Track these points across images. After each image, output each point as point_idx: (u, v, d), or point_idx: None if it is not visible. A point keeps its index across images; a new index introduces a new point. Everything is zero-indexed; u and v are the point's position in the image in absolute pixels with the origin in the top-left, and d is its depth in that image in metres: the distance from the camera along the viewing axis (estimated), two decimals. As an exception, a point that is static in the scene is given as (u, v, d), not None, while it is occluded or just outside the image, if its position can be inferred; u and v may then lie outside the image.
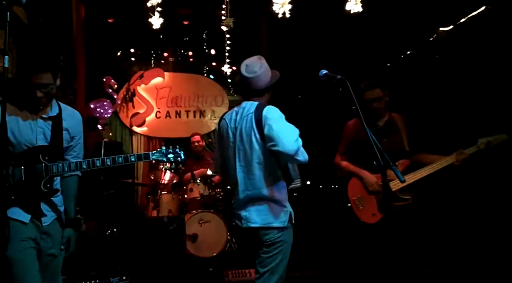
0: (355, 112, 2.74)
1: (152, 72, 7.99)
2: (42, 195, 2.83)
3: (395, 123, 3.96)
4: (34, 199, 2.81)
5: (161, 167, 6.38)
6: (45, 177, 2.81)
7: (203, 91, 8.19)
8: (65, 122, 2.95)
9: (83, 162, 2.89)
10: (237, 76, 3.24)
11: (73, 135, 3.00)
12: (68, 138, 2.98)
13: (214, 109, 8.19)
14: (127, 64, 8.16)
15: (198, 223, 5.82)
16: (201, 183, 6.26)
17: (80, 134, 3.07)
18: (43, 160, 2.81)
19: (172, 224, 5.36)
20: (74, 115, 3.06)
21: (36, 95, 2.76)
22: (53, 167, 2.82)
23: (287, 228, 3.07)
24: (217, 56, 8.11)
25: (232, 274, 5.14)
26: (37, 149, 2.82)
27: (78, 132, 3.05)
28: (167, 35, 7.87)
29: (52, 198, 2.93)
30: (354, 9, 4.79)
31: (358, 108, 2.73)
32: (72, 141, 3.01)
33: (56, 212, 2.93)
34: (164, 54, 8.33)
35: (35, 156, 2.81)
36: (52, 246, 2.89)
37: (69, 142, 2.99)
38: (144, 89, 7.94)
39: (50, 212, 2.90)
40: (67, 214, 3.01)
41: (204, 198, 6.14)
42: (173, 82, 8.12)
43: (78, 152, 3.07)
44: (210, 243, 5.78)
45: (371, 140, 2.64)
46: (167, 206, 6.05)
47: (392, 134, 3.90)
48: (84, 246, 5.23)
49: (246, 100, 3.20)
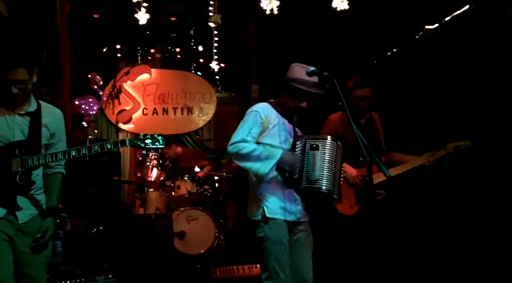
0: (342, 108, 2.81)
1: (138, 69, 7.91)
2: (18, 189, 2.78)
3: (375, 122, 4.16)
4: (9, 193, 2.76)
5: (148, 164, 6.34)
6: (21, 170, 2.75)
7: (191, 88, 8.13)
8: (44, 119, 2.89)
9: (59, 153, 2.82)
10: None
11: (53, 132, 2.93)
12: (48, 135, 2.91)
13: (202, 106, 8.14)
14: (113, 60, 8.08)
15: (186, 220, 5.80)
16: (188, 180, 6.23)
17: (61, 131, 3.01)
18: (19, 154, 2.76)
19: (160, 221, 5.32)
20: (54, 112, 3.00)
21: (12, 91, 2.72)
22: (28, 159, 2.77)
23: (263, 223, 3.06)
24: (205, 52, 8.06)
25: (220, 271, 5.13)
26: (13, 145, 2.77)
27: (59, 129, 2.99)
28: (154, 31, 7.80)
29: (35, 195, 2.87)
30: (340, 7, 4.79)
31: (345, 105, 2.79)
32: (52, 138, 2.94)
33: (35, 210, 2.87)
34: (151, 50, 8.26)
35: (11, 151, 2.76)
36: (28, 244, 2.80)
37: (49, 139, 2.93)
38: (131, 85, 7.87)
39: (30, 209, 2.84)
40: (48, 203, 2.94)
41: (192, 195, 6.12)
42: (160, 79, 8.05)
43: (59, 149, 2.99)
44: (198, 240, 5.77)
45: (357, 136, 2.72)
46: (155, 204, 6.00)
47: (372, 132, 4.05)
48: (69, 244, 5.17)
49: None
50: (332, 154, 3.05)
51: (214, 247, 5.84)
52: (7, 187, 2.75)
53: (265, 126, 3.11)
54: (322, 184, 3.00)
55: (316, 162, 3.02)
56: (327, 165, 3.01)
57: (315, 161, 3.02)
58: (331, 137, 3.12)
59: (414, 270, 4.57)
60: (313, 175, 3.01)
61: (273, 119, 3.14)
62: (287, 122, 3.21)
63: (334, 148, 3.07)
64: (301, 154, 3.09)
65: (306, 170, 3.04)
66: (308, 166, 3.03)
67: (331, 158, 3.04)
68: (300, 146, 3.12)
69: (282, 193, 3.10)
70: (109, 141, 2.89)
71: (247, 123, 3.11)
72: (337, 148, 3.10)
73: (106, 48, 8.04)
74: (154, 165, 6.38)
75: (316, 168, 3.01)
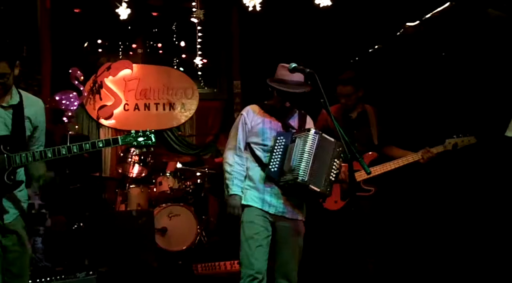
0: (324, 106, 2.81)
1: (120, 64, 7.83)
2: (6, 188, 2.72)
3: (368, 116, 4.06)
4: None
5: (129, 160, 6.30)
6: (8, 169, 2.69)
7: (173, 84, 8.08)
8: (26, 110, 2.83)
9: (47, 150, 2.76)
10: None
11: (36, 125, 2.88)
12: (31, 127, 2.86)
13: (184, 101, 8.09)
14: (94, 55, 7.99)
15: (168, 216, 5.79)
16: (170, 176, 6.21)
17: (43, 123, 2.95)
18: (4, 150, 2.70)
19: (141, 218, 5.31)
20: (36, 102, 2.94)
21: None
22: (16, 157, 2.71)
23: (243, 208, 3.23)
24: (187, 48, 8.02)
25: (201, 267, 5.13)
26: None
27: (41, 122, 2.94)
28: (136, 26, 7.74)
29: (16, 193, 2.82)
30: (323, 3, 4.80)
31: (326, 101, 2.81)
32: (35, 131, 2.89)
33: (19, 208, 2.83)
34: (133, 45, 8.18)
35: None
36: (15, 243, 2.78)
37: (32, 131, 2.87)
38: (112, 81, 7.79)
39: (13, 208, 2.80)
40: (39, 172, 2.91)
41: (173, 191, 6.10)
42: (142, 74, 7.99)
43: (42, 142, 2.96)
44: (180, 236, 5.77)
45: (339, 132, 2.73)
46: (136, 200, 5.98)
47: (363, 126, 4.01)
48: (50, 241, 5.13)
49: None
50: (312, 146, 3.06)
51: (196, 243, 5.84)
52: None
53: (249, 127, 3.29)
54: (297, 174, 3.02)
55: (292, 154, 3.09)
56: (306, 156, 3.04)
57: (292, 153, 3.10)
58: (315, 131, 3.13)
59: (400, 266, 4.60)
60: (287, 166, 3.09)
61: (256, 118, 3.30)
62: (275, 120, 3.31)
63: (314, 141, 3.08)
64: (282, 149, 3.15)
65: (283, 163, 3.12)
66: (286, 159, 3.12)
67: (310, 149, 3.05)
68: (281, 142, 3.18)
69: (263, 186, 3.20)
70: (101, 140, 2.86)
71: (235, 129, 3.34)
72: (323, 141, 3.11)
73: (87, 43, 7.95)
74: (136, 161, 6.35)
75: (292, 159, 3.08)
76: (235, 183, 3.24)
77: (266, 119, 3.30)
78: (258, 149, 3.26)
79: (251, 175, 3.26)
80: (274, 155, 3.16)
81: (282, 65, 3.24)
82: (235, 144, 3.30)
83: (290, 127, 3.31)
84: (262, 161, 3.23)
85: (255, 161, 3.26)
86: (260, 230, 3.16)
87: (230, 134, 3.39)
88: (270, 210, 3.19)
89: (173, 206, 5.87)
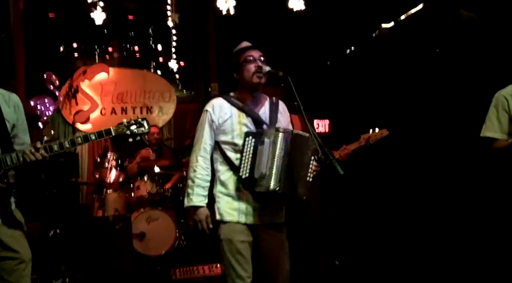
0: (297, 109, 2.74)
1: (95, 68, 7.77)
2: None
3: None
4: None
5: (107, 165, 6.24)
6: (1, 172, 2.59)
7: (150, 87, 8.04)
8: (3, 109, 2.71)
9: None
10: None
11: (13, 123, 2.76)
12: (9, 126, 2.75)
13: (161, 105, 8.06)
14: (70, 59, 7.92)
15: (146, 221, 5.73)
16: (148, 180, 6.16)
17: (22, 119, 2.83)
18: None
19: (118, 223, 5.25)
20: (12, 98, 2.80)
21: None
22: (6, 159, 2.60)
23: (218, 223, 2.88)
24: (164, 51, 7.99)
25: (179, 272, 5.09)
26: None
27: (20, 118, 2.81)
28: (112, 30, 7.69)
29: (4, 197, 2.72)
30: (296, 7, 4.83)
31: (300, 104, 2.72)
32: (14, 128, 2.77)
33: (4, 212, 2.71)
34: (109, 49, 8.13)
35: None
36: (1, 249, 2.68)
37: (12, 130, 2.76)
38: (88, 85, 7.72)
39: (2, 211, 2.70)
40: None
41: (151, 195, 6.05)
42: (119, 78, 7.93)
43: (24, 138, 2.84)
44: (158, 241, 5.71)
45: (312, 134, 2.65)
46: (113, 205, 5.91)
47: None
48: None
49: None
50: (283, 148, 2.74)
51: (175, 247, 5.79)
52: None
53: (216, 124, 2.89)
54: (269, 183, 2.70)
55: (262, 158, 2.73)
56: (276, 160, 2.72)
57: (262, 157, 2.73)
58: (284, 129, 2.82)
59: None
60: (257, 173, 2.71)
61: (223, 113, 2.90)
62: (244, 113, 2.90)
63: (286, 141, 2.76)
64: (252, 151, 2.78)
65: (254, 169, 2.74)
66: (256, 165, 2.73)
67: (281, 152, 2.73)
68: (251, 143, 2.79)
69: (237, 193, 2.84)
70: (93, 133, 2.76)
71: (201, 127, 2.94)
72: (296, 139, 2.79)
73: (63, 46, 7.87)
74: (113, 166, 6.28)
75: (262, 165, 2.72)
76: (196, 192, 2.85)
77: (235, 113, 2.90)
78: (229, 149, 2.87)
79: (223, 180, 2.87)
80: (244, 159, 2.77)
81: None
82: (201, 145, 2.89)
83: (261, 122, 2.89)
84: (234, 163, 2.83)
85: (227, 163, 2.87)
86: (242, 247, 2.81)
87: (195, 135, 2.97)
88: (248, 220, 2.83)
89: (152, 210, 5.81)
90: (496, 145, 3.14)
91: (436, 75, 5.15)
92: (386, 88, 5.82)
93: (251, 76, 2.89)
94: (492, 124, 3.16)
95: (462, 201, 4.70)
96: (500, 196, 3.15)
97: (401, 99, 5.50)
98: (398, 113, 5.39)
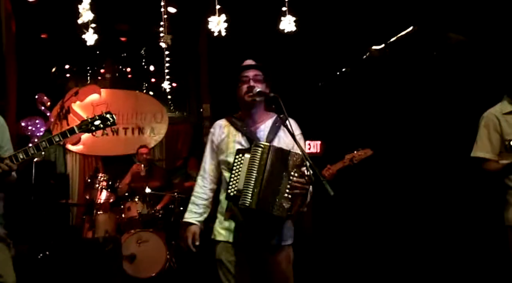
0: (287, 129, 2.76)
1: (87, 89, 7.78)
2: None
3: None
4: None
5: (97, 186, 6.20)
6: None
7: (142, 108, 8.05)
8: None
9: (18, 153, 2.68)
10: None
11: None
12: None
13: (153, 126, 8.06)
14: (62, 80, 7.93)
15: (136, 243, 5.67)
16: (139, 201, 6.12)
17: (6, 138, 2.84)
18: None
19: (108, 245, 5.21)
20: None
21: None
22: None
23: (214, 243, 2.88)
24: (156, 72, 8.02)
25: (170, 294, 5.05)
26: None
27: (4, 138, 2.82)
28: (104, 51, 7.72)
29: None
30: (287, 29, 4.88)
31: (291, 125, 2.74)
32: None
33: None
34: (101, 70, 8.16)
35: None
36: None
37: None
38: (80, 106, 7.72)
39: None
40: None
41: (142, 216, 6.00)
42: (111, 99, 7.94)
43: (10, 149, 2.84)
44: (149, 263, 5.65)
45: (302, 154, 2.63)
46: (104, 226, 5.85)
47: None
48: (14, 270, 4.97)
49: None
50: (260, 162, 2.63)
51: (166, 269, 5.74)
52: None
53: (215, 144, 2.94)
54: (244, 199, 2.60)
55: (241, 174, 2.66)
56: (253, 175, 2.62)
57: (242, 172, 2.67)
58: (263, 144, 2.69)
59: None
60: (238, 190, 2.65)
61: (221, 132, 2.93)
62: (240, 133, 2.88)
63: (263, 155, 2.64)
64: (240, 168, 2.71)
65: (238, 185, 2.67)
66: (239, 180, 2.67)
67: (259, 167, 2.63)
68: (240, 160, 2.72)
69: (229, 213, 2.80)
70: (56, 134, 2.79)
71: (206, 148, 3.03)
72: (275, 153, 2.67)
73: (55, 68, 7.88)
74: (104, 187, 6.24)
75: (240, 182, 2.65)
76: (189, 209, 2.93)
77: (232, 132, 2.90)
78: (224, 168, 2.87)
79: (221, 199, 2.88)
80: (233, 177, 2.69)
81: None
82: (202, 164, 2.98)
83: (255, 139, 2.81)
84: (227, 182, 2.75)
85: (223, 182, 2.88)
86: (232, 267, 2.76)
87: (205, 155, 3.04)
88: (237, 240, 2.76)
89: (142, 232, 5.76)
90: (487, 167, 3.13)
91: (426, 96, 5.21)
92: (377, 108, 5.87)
93: (243, 95, 2.91)
94: (483, 144, 3.14)
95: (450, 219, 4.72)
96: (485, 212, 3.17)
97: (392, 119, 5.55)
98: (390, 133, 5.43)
